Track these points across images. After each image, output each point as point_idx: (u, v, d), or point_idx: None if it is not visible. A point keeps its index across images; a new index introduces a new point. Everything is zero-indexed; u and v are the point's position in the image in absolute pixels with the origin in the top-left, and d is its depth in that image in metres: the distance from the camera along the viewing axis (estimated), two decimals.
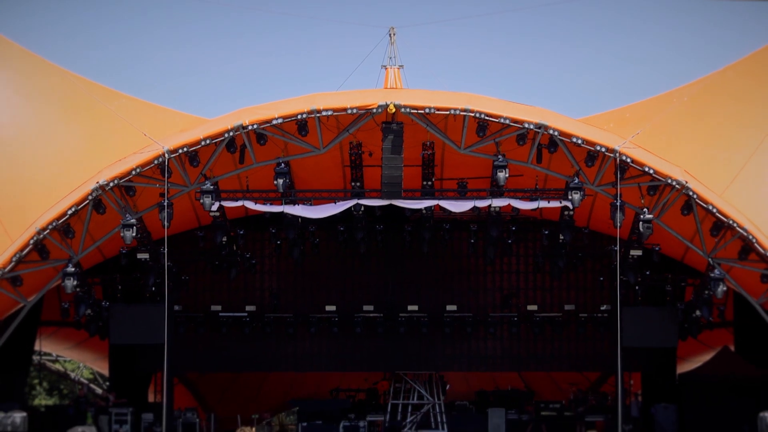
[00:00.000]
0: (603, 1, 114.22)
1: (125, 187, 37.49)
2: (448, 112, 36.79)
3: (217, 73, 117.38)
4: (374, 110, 36.51)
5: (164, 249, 37.97)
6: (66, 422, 40.88)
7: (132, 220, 37.37)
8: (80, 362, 60.46)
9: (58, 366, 62.86)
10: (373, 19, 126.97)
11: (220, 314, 43.73)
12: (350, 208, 38.87)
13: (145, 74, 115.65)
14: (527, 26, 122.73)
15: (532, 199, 38.85)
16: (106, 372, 51.87)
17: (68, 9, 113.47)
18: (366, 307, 43.77)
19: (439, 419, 42.22)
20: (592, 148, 37.07)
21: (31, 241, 36.99)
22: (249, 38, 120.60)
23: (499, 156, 36.94)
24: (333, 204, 38.99)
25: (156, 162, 36.85)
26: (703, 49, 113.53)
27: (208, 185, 37.45)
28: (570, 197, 37.58)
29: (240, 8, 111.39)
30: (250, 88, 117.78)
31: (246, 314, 43.78)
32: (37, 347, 48.32)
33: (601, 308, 42.81)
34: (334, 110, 36.73)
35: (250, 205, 39.12)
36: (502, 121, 36.73)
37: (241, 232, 42.83)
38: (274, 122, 36.85)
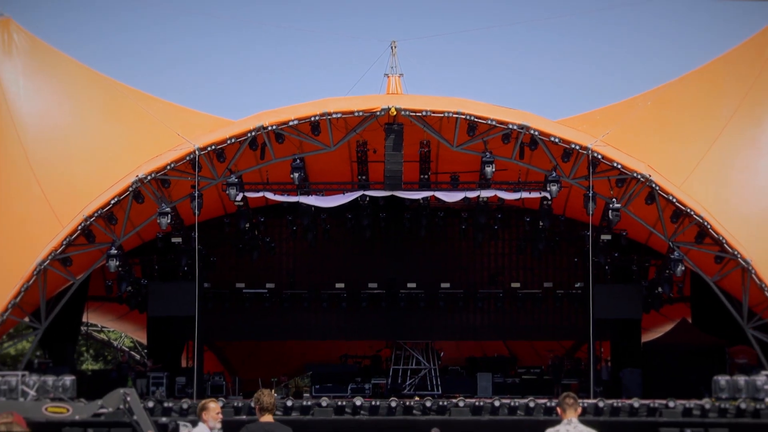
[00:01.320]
0: (578, 19, 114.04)
1: (161, 180, 37.65)
2: (442, 115, 36.97)
3: (241, 80, 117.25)
4: (378, 113, 36.69)
5: (195, 234, 38.13)
6: (109, 385, 40.94)
7: (167, 209, 37.52)
8: (122, 332, 60.55)
9: (102, 336, 62.98)
10: (377, 33, 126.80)
11: (244, 290, 43.83)
12: (357, 198, 39.03)
13: (177, 79, 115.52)
14: (513, 39, 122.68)
15: (515, 191, 38.97)
16: (144, 341, 52.01)
17: (109, 21, 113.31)
18: (371, 285, 43.87)
19: (434, 382, 42.29)
20: (568, 146, 37.25)
21: (80, 227, 37.20)
22: (269, 49, 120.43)
23: (487, 153, 37.13)
24: (342, 195, 39.13)
25: (188, 158, 37.06)
26: (664, 59, 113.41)
27: (233, 178, 37.61)
28: (548, 189, 37.76)
29: (262, 24, 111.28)
30: (269, 93, 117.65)
31: (266, 290, 43.88)
32: (84, 319, 48.30)
33: (576, 285, 42.89)
34: (343, 113, 36.91)
35: (270, 195, 39.29)
36: (489, 122, 36.93)
37: (262, 219, 43.07)
38: (291, 123, 37.03)
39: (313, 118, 36.78)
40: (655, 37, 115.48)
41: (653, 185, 37.07)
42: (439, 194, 39.52)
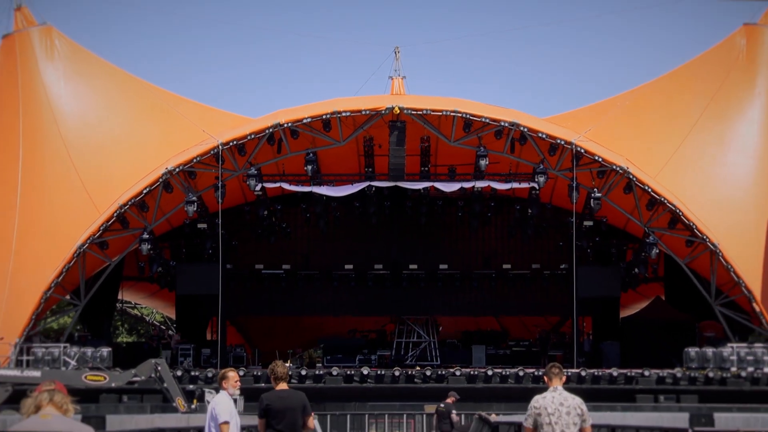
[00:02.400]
0: (566, 28, 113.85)
1: (188, 172, 37.69)
2: (440, 113, 37.00)
3: (260, 81, 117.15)
4: (383, 112, 36.70)
5: (218, 220, 38.20)
6: (142, 356, 41.05)
7: (193, 198, 37.56)
8: (153, 309, 60.62)
9: (136, 312, 63.02)
10: (382, 39, 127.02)
11: (262, 271, 43.85)
12: (364, 188, 39.03)
13: (203, 81, 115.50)
14: (506, 44, 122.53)
15: (506, 181, 38.98)
16: (173, 316, 52.11)
17: (142, 27, 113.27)
18: (376, 266, 43.87)
19: (433, 354, 42.28)
20: (554, 141, 37.28)
21: (115, 214, 37.25)
22: (287, 54, 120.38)
23: (481, 147, 37.12)
24: (350, 185, 39.13)
25: (212, 152, 37.10)
26: (640, 63, 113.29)
27: (253, 170, 37.62)
28: (536, 180, 37.78)
29: (280, 31, 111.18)
30: (285, 93, 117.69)
31: (282, 271, 43.88)
32: (119, 297, 48.40)
33: (561, 267, 42.89)
34: (351, 112, 36.95)
35: (286, 185, 39.31)
36: (483, 120, 36.95)
37: (279, 207, 43.01)
38: (305, 121, 37.08)
39: (324, 116, 36.87)
40: (633, 43, 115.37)
41: (630, 176, 37.13)
42: (438, 185, 39.57)
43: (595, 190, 37.69)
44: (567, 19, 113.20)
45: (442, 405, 28.09)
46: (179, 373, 35.26)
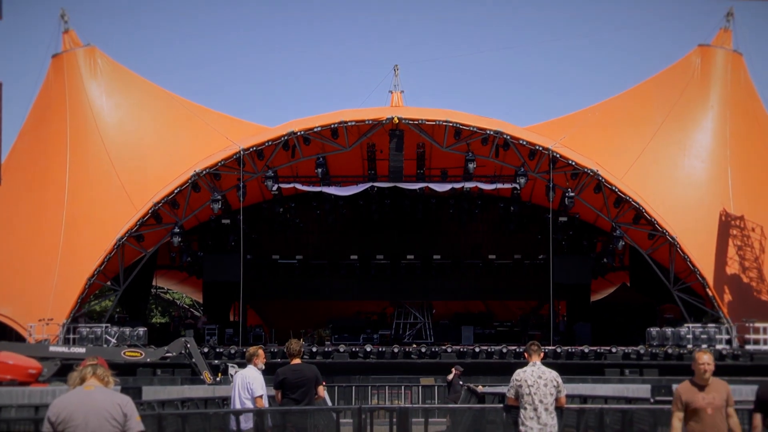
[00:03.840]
0: (544, 47, 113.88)
1: (213, 174, 37.66)
2: (434, 123, 37.00)
3: (276, 93, 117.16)
4: (384, 121, 36.67)
5: (240, 216, 38.17)
6: (173, 335, 41.11)
7: (218, 196, 37.56)
8: (183, 293, 60.58)
9: (167, 296, 62.98)
10: (383, 58, 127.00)
11: (278, 261, 43.73)
12: (367, 188, 39.05)
13: (227, 93, 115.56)
14: (493, 62, 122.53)
15: (491, 182, 38.99)
16: (200, 300, 52.05)
17: (173, 47, 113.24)
18: (378, 256, 43.77)
19: (427, 333, 42.20)
20: (533, 147, 37.24)
21: (150, 211, 37.23)
22: (300, 70, 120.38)
23: (469, 152, 37.10)
24: (355, 185, 39.13)
25: (235, 157, 37.09)
26: (607, 79, 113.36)
27: (270, 172, 37.60)
28: (518, 181, 37.76)
29: (294, 51, 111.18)
30: (297, 105, 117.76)
31: (296, 261, 43.76)
32: (153, 283, 48.41)
33: (539, 257, 42.79)
34: (356, 121, 36.96)
35: (299, 186, 39.34)
36: (471, 129, 36.93)
37: (293, 205, 43.02)
38: (315, 129, 37.05)
39: (332, 125, 36.85)
40: (602, 61, 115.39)
41: (600, 178, 37.11)
42: (432, 185, 39.59)
43: (569, 189, 37.64)
44: (546, 40, 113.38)
45: (454, 375, 28.26)
46: (206, 349, 35.26)
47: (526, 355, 12.59)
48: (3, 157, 38.45)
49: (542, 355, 12.64)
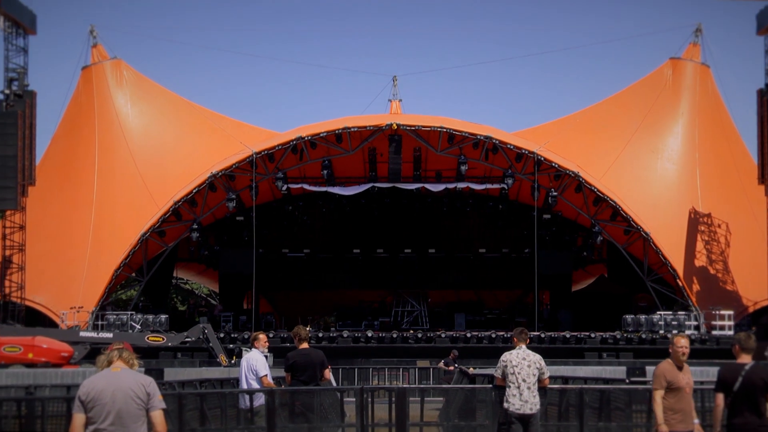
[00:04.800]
0: (530, 59, 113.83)
1: (228, 175, 37.65)
2: (429, 129, 37.03)
3: (285, 101, 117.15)
4: (383, 127, 36.69)
5: (253, 214, 38.15)
6: (188, 321, 41.17)
7: (233, 196, 37.58)
8: (201, 284, 60.55)
9: (187, 286, 62.89)
10: (383, 69, 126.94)
11: (287, 254, 43.66)
12: (369, 188, 39.11)
13: (241, 100, 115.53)
14: (483, 73, 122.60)
15: (482, 183, 39.03)
16: (216, 290, 51.99)
17: (191, 60, 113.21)
18: (378, 250, 43.68)
19: (423, 320, 42.08)
20: (520, 151, 37.26)
21: (171, 209, 37.24)
22: (308, 80, 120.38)
23: (461, 156, 37.10)
24: (358, 186, 39.18)
25: (248, 160, 37.08)
26: (588, 88, 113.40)
27: (280, 174, 37.61)
28: (506, 182, 37.78)
29: (303, 63, 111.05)
30: (305, 112, 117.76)
31: (304, 254, 43.67)
32: (174, 275, 48.42)
33: (525, 251, 42.73)
34: (358, 127, 36.97)
35: (307, 186, 39.38)
36: (463, 134, 36.94)
37: (301, 204, 43.00)
38: (321, 135, 37.06)
39: (337, 131, 36.85)
40: (583, 72, 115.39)
41: (580, 179, 37.10)
42: (428, 185, 39.61)
43: (552, 189, 37.65)
44: (533, 53, 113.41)
45: (449, 358, 28.26)
46: (222, 335, 35.28)
47: (514, 339, 12.61)
48: (37, 159, 38.64)
49: (528, 340, 12.65)
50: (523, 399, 12.14)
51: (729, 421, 9.97)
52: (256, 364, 13.76)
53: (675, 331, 35.08)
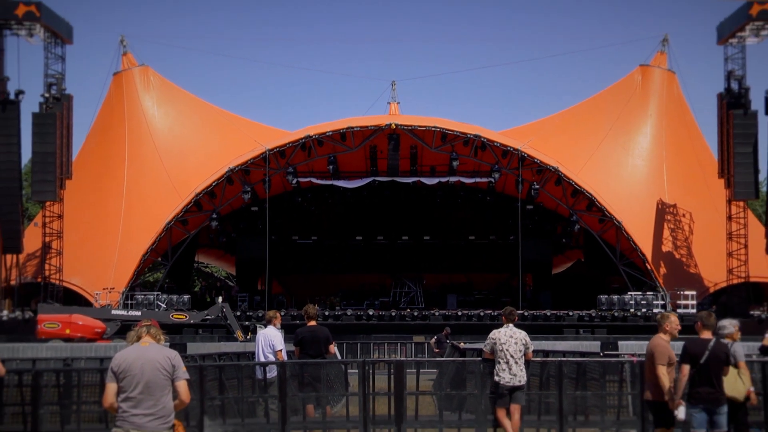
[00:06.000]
0: (516, 66, 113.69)
1: (244, 170, 37.63)
2: (425, 128, 36.97)
3: (294, 103, 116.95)
4: (383, 127, 36.64)
5: (266, 204, 38.10)
6: (204, 300, 41.19)
7: (248, 188, 37.52)
8: (219, 268, 60.55)
9: (207, 270, 62.91)
10: (383, 74, 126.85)
11: (297, 241, 43.64)
12: (370, 182, 39.12)
13: (256, 101, 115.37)
14: (473, 78, 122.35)
15: (471, 177, 39.05)
16: (234, 273, 51.98)
17: (209, 68, 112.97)
18: (378, 237, 43.64)
19: (419, 300, 42.05)
20: (505, 148, 37.21)
21: (192, 200, 37.21)
22: (316, 84, 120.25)
23: (453, 152, 37.05)
24: (360, 179, 39.19)
25: (261, 156, 37.04)
26: (565, 92, 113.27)
27: (290, 169, 37.57)
28: (493, 176, 37.77)
29: (311, 69, 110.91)
30: (312, 112, 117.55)
31: (311, 241, 43.65)
32: (195, 259, 48.44)
33: (510, 238, 42.72)
34: (361, 127, 36.91)
35: (314, 180, 39.38)
36: (455, 133, 36.88)
37: (309, 195, 42.91)
38: (327, 134, 37.00)
39: (341, 130, 36.81)
40: (562, 77, 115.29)
41: (560, 173, 37.06)
42: (423, 179, 39.62)
43: (535, 183, 37.62)
44: (519, 60, 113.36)
45: (441, 334, 28.30)
46: (238, 313, 35.30)
47: (503, 318, 12.61)
48: (74, 156, 38.62)
49: (515, 319, 12.66)
50: (512, 373, 12.18)
51: (694, 389, 10.05)
52: (273, 339, 13.84)
53: (661, 311, 35.11)
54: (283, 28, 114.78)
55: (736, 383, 10.46)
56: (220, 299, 37.37)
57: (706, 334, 10.26)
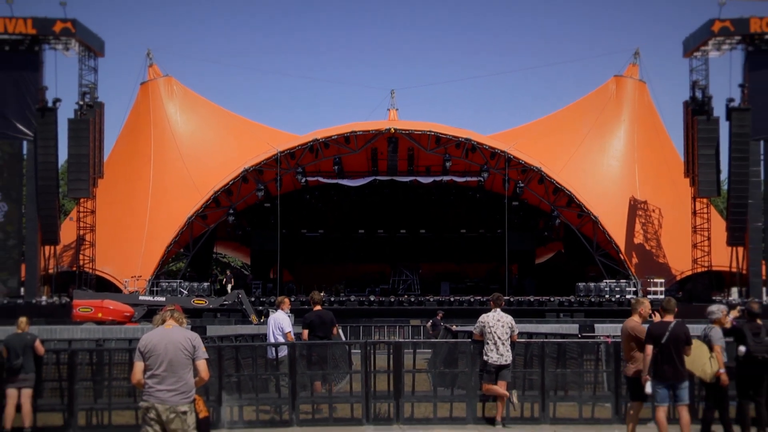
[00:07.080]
0: (506, 76, 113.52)
1: (258, 170, 37.61)
2: (421, 132, 36.97)
3: (303, 109, 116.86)
4: (383, 131, 36.65)
5: (278, 201, 38.11)
6: (222, 287, 41.16)
7: (261, 187, 37.56)
8: (236, 258, 60.55)
9: (225, 260, 62.93)
10: (383, 84, 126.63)
11: (306, 234, 43.62)
12: (371, 180, 39.08)
13: (270, 108, 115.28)
14: (464, 87, 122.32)
15: (463, 176, 38.98)
16: (248, 263, 51.96)
17: (227, 77, 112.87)
18: (379, 231, 43.63)
19: (416, 287, 42.03)
20: (494, 150, 37.22)
21: (211, 197, 37.23)
22: (321, 92, 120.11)
23: (446, 154, 37.08)
24: (362, 178, 39.16)
25: (273, 157, 37.03)
26: (546, 100, 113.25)
27: (300, 169, 37.58)
28: (482, 175, 37.75)
29: (318, 79, 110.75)
30: (319, 117, 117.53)
31: (318, 234, 43.66)
32: (214, 250, 48.42)
33: (498, 231, 42.65)
34: (363, 131, 36.91)
35: (321, 179, 39.31)
36: (448, 137, 36.90)
37: (316, 193, 42.87)
38: (333, 137, 37.01)
39: (346, 134, 36.82)
40: (544, 85, 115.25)
41: (542, 173, 37.06)
42: (419, 179, 39.57)
43: (520, 181, 37.63)
44: (506, 71, 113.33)
45: (436, 318, 28.31)
46: (252, 299, 35.29)
47: (491, 303, 12.63)
48: (105, 156, 38.63)
49: (503, 304, 12.68)
50: (500, 353, 12.22)
51: (658, 367, 10.15)
52: (282, 322, 13.88)
53: (634, 297, 35.10)
54: (296, 42, 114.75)
55: (706, 365, 10.53)
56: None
57: (668, 318, 10.42)
